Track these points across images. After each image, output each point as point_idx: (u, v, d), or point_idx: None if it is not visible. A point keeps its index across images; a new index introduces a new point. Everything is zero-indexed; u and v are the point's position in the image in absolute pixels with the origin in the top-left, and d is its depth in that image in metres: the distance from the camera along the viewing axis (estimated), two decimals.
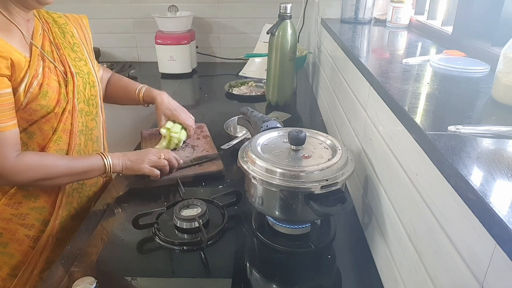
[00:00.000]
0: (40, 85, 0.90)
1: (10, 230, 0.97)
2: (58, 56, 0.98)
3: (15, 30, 0.88)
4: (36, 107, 0.90)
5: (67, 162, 0.94)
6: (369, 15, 1.51)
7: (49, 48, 0.96)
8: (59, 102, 0.95)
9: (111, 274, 0.78)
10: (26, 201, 0.97)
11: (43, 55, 0.93)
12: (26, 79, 0.87)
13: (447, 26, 1.14)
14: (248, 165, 0.80)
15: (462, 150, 0.48)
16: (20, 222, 0.97)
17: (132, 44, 2.39)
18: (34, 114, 0.91)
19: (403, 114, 0.62)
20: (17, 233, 0.97)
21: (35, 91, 0.89)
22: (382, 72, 0.82)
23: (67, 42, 1.02)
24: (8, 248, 0.97)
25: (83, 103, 1.02)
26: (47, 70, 0.93)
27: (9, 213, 0.96)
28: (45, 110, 0.92)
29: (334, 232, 0.86)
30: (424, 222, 0.57)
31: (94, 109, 1.07)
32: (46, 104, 0.92)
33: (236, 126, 1.32)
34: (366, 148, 0.89)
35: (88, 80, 1.04)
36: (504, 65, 0.62)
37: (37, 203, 0.98)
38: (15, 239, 0.97)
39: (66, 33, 1.04)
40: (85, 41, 1.10)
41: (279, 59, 1.51)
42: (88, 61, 1.07)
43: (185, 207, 0.91)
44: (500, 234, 0.36)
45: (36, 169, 0.89)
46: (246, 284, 0.76)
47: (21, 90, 0.86)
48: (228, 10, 2.28)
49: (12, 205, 0.96)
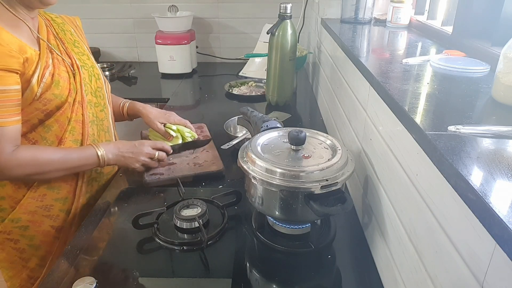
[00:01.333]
0: (52, 75, 0.93)
1: (36, 223, 1.00)
2: (64, 49, 1.01)
3: (22, 26, 0.91)
4: (50, 96, 0.93)
5: (61, 156, 0.94)
6: (369, 15, 1.51)
7: (55, 42, 0.99)
8: (70, 92, 0.97)
9: (111, 274, 0.78)
10: (50, 193, 1.00)
11: (50, 48, 0.96)
12: (38, 70, 0.89)
13: (447, 26, 1.14)
14: (248, 165, 0.79)
15: (462, 150, 0.48)
16: (45, 213, 1.00)
17: (132, 44, 2.39)
18: (49, 104, 0.93)
19: (403, 114, 0.62)
20: (43, 224, 1.00)
21: (48, 81, 0.92)
22: (382, 72, 0.82)
23: (69, 38, 1.05)
24: (35, 240, 1.01)
25: (90, 95, 1.05)
26: (56, 61, 0.95)
27: (35, 206, 0.99)
28: (59, 99, 0.95)
29: (334, 232, 0.86)
30: (424, 222, 0.57)
31: (101, 100, 1.10)
32: (59, 93, 0.94)
33: (236, 126, 1.32)
34: (366, 148, 0.89)
35: (93, 73, 1.07)
36: (504, 65, 0.62)
37: (60, 194, 1.01)
38: (41, 231, 1.01)
39: (65, 31, 1.06)
40: (83, 40, 1.13)
41: (279, 59, 1.51)
42: (90, 56, 1.10)
43: (185, 207, 0.91)
44: (500, 234, 0.36)
45: (30, 164, 0.90)
46: (246, 284, 0.76)
47: (34, 82, 0.89)
48: (228, 10, 2.28)
49: (37, 198, 0.99)
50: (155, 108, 1.27)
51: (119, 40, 2.36)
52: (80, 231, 0.89)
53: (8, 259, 1.03)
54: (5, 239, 1.00)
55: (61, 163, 0.94)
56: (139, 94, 1.90)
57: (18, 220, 0.98)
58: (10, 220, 0.98)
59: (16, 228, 0.99)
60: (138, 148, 1.06)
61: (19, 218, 0.98)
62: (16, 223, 0.99)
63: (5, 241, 1.00)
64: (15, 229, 0.99)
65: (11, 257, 1.02)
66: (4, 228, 0.99)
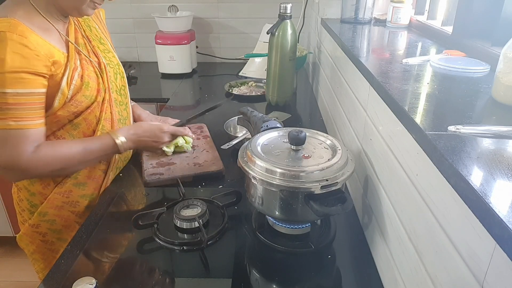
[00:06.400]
0: (81, 76, 0.94)
1: (62, 217, 1.03)
2: (91, 48, 1.02)
3: (52, 29, 0.92)
4: (81, 98, 0.94)
5: (82, 148, 0.95)
6: (369, 15, 1.51)
7: (82, 41, 1.00)
8: (99, 92, 0.99)
9: (111, 274, 0.78)
10: (76, 189, 1.02)
11: (78, 50, 0.97)
12: (66, 73, 0.90)
13: (447, 26, 1.14)
14: (248, 165, 0.79)
15: (462, 150, 0.48)
16: (71, 209, 1.03)
17: (132, 44, 2.39)
18: (80, 106, 0.95)
19: (403, 114, 0.62)
20: (69, 219, 1.03)
21: (78, 83, 0.93)
22: (382, 72, 0.82)
23: (94, 35, 1.06)
24: (62, 234, 1.04)
25: (116, 93, 1.06)
26: (84, 62, 0.96)
27: (61, 201, 1.01)
28: (89, 100, 0.96)
29: (334, 232, 0.86)
30: (424, 222, 0.57)
31: (125, 99, 1.12)
32: (89, 94, 0.96)
33: (236, 126, 1.32)
34: (366, 148, 0.89)
35: (118, 71, 1.09)
36: (504, 65, 0.62)
37: (86, 190, 1.03)
38: (67, 226, 1.03)
39: (91, 27, 1.07)
40: (107, 35, 1.14)
41: (279, 59, 1.51)
42: (114, 53, 1.11)
43: (185, 207, 0.91)
44: (500, 234, 0.36)
45: (53, 160, 0.91)
46: (246, 284, 0.76)
47: (64, 84, 0.90)
48: (228, 10, 2.28)
49: (63, 194, 1.01)
50: (152, 114, 1.29)
51: (119, 40, 2.36)
52: (80, 231, 0.89)
53: (38, 251, 1.06)
54: (33, 232, 1.04)
55: (83, 155, 0.95)
56: (139, 94, 1.89)
57: (45, 214, 1.01)
58: (38, 213, 1.01)
59: (44, 221, 1.02)
60: (159, 137, 1.09)
61: (46, 212, 1.01)
62: (43, 216, 1.02)
63: (34, 234, 1.04)
64: (43, 223, 1.02)
65: (41, 249, 1.06)
66: (33, 221, 1.02)
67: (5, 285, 1.99)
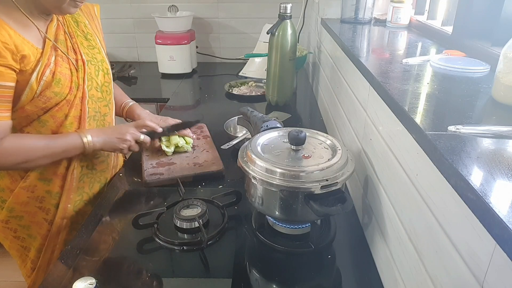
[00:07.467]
0: (53, 73, 0.93)
1: (29, 213, 1.02)
2: (71, 44, 1.01)
3: (31, 25, 0.92)
4: (50, 94, 0.94)
5: (45, 142, 0.95)
6: (369, 15, 1.51)
7: (63, 37, 0.99)
8: (71, 89, 0.98)
9: (111, 274, 0.78)
10: (40, 184, 1.01)
11: (56, 46, 0.97)
12: (38, 68, 0.90)
13: (447, 26, 1.14)
14: (248, 165, 0.79)
15: (462, 150, 0.48)
16: (37, 205, 1.02)
17: (132, 44, 2.39)
18: (49, 102, 0.94)
19: (403, 114, 0.62)
20: (36, 216, 1.03)
21: (48, 79, 0.92)
22: (382, 72, 0.82)
23: (80, 31, 1.06)
24: (31, 230, 1.04)
25: (94, 90, 1.05)
26: (59, 59, 0.96)
27: (26, 196, 1.01)
28: (59, 97, 0.96)
29: (334, 232, 0.86)
30: (424, 222, 0.57)
31: (107, 95, 1.11)
32: (59, 91, 0.95)
33: (236, 126, 1.32)
34: (366, 148, 0.89)
35: (102, 67, 1.08)
36: (504, 65, 0.62)
37: (50, 186, 1.02)
38: (35, 222, 1.03)
39: (79, 22, 1.07)
40: (97, 31, 1.13)
41: (279, 59, 1.51)
42: (101, 49, 1.10)
43: (185, 207, 0.91)
44: (500, 234, 0.36)
45: (16, 152, 0.91)
46: (246, 284, 0.76)
47: (33, 79, 0.90)
48: (228, 10, 2.28)
49: (28, 188, 1.00)
50: (152, 114, 1.28)
51: (119, 40, 2.36)
52: (80, 231, 0.89)
53: (12, 247, 1.07)
54: (5, 228, 1.04)
55: (46, 149, 0.94)
56: (139, 94, 1.89)
57: (12, 210, 1.02)
58: (6, 209, 1.02)
59: (12, 217, 1.03)
60: (123, 129, 1.06)
61: (13, 208, 1.02)
62: (10, 212, 1.02)
63: (6, 230, 1.04)
64: (12, 219, 1.03)
65: (14, 245, 1.06)
66: (2, 217, 1.02)
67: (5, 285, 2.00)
